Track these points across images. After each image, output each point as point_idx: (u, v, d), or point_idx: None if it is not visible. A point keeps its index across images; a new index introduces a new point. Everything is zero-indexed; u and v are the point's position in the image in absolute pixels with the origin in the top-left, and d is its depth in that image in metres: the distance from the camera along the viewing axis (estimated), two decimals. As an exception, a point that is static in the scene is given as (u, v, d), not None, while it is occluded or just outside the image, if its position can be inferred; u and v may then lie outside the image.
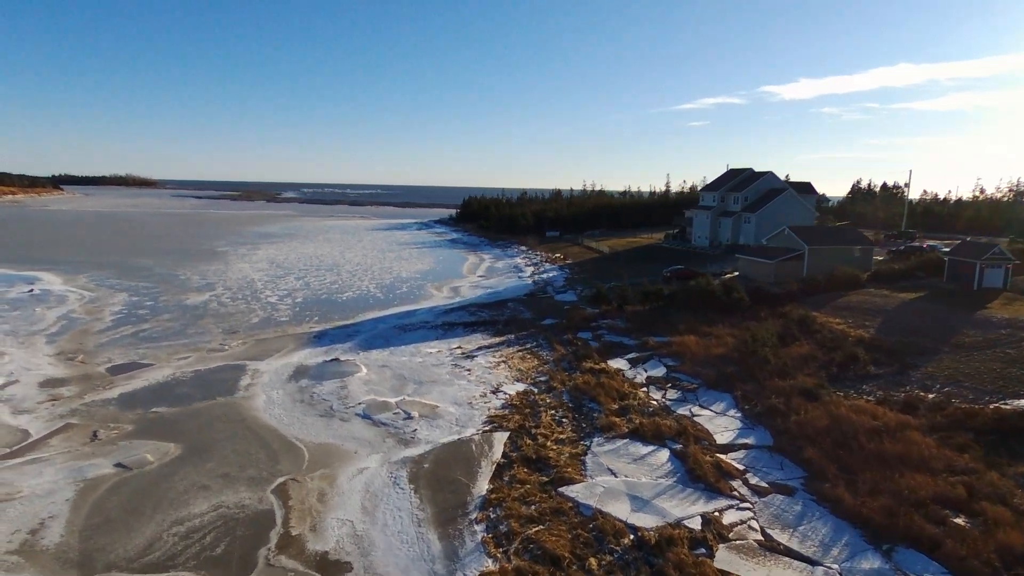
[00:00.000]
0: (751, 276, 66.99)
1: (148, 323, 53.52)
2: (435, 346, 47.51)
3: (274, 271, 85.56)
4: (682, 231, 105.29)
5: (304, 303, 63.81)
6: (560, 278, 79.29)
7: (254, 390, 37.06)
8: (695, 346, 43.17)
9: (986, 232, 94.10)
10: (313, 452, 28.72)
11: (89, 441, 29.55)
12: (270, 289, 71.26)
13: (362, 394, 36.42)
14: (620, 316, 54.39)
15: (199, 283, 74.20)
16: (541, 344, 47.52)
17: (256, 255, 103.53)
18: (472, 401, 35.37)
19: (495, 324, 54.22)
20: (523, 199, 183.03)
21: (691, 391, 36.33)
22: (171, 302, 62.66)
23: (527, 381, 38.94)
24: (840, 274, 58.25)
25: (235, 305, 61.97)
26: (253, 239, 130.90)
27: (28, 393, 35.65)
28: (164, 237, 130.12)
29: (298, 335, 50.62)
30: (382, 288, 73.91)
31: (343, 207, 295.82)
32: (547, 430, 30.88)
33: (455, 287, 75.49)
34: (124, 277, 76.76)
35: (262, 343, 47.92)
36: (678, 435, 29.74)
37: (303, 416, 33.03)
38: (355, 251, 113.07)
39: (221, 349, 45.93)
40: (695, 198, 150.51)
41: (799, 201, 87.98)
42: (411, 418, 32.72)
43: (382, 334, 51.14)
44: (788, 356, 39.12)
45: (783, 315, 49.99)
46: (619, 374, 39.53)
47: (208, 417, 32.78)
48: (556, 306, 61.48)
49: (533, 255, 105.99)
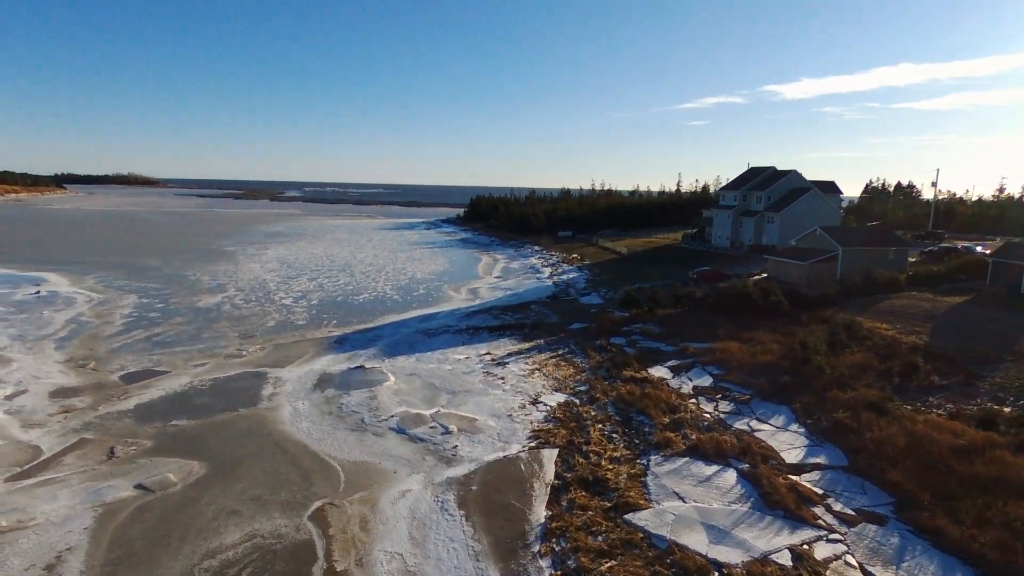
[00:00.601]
0: (781, 278, 64.67)
1: (161, 327, 51.32)
2: (462, 352, 45.27)
3: (286, 272, 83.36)
4: (701, 231, 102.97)
5: (320, 305, 61.59)
6: (581, 280, 77.01)
7: (278, 400, 34.84)
8: (739, 353, 40.87)
9: (1015, 233, 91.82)
10: (348, 472, 26.50)
11: (106, 459, 27.35)
12: (283, 291, 69.04)
13: (393, 405, 34.18)
14: (652, 320, 52.10)
15: (210, 284, 72.00)
16: (574, 350, 45.26)
17: (265, 255, 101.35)
18: (511, 413, 33.12)
19: (521, 328, 51.97)
20: (532, 198, 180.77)
21: (744, 403, 34.06)
22: (183, 304, 60.46)
23: (567, 391, 36.70)
24: (878, 276, 55.98)
25: (249, 308, 59.75)
26: (261, 238, 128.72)
27: (39, 404, 33.45)
28: (170, 236, 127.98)
29: (317, 340, 48.39)
30: (398, 290, 71.68)
31: (347, 206, 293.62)
32: (599, 447, 28.64)
33: (473, 289, 73.26)
34: (133, 278, 74.58)
35: (281, 348, 45.70)
36: (742, 453, 27.48)
37: (333, 430, 30.80)
38: (366, 251, 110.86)
39: (239, 355, 43.72)
40: (708, 197, 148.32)
41: (824, 201, 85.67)
42: (449, 432, 30.48)
43: (405, 339, 48.90)
44: (843, 365, 36.81)
45: (825, 320, 47.71)
46: (663, 384, 37.26)
47: (232, 431, 30.56)
48: (582, 309, 59.22)
49: (549, 255, 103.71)
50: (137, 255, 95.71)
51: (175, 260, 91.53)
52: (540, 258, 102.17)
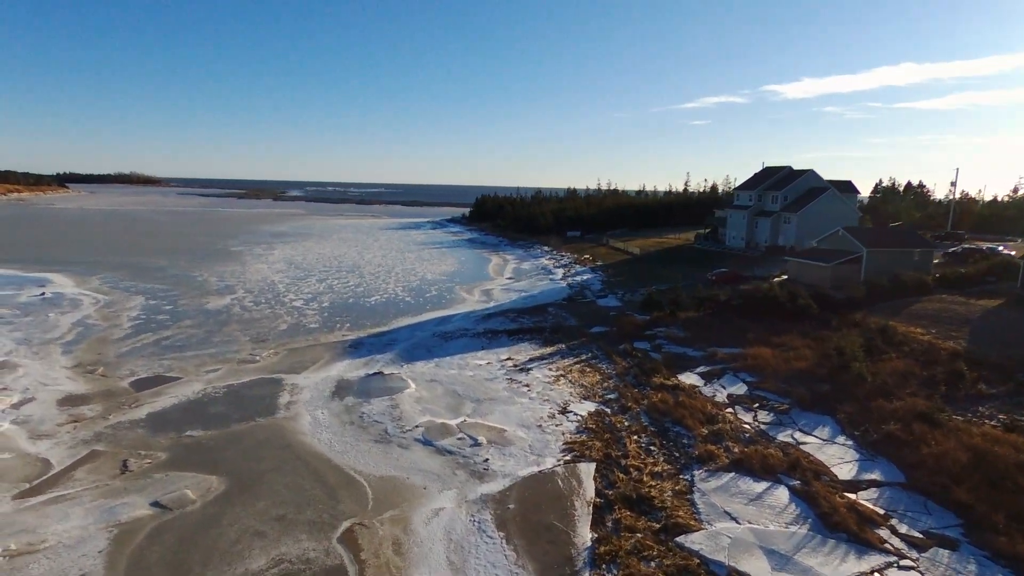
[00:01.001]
0: (803, 280, 63.10)
1: (169, 330, 49.87)
2: (482, 357, 43.80)
3: (294, 272, 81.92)
4: (714, 231, 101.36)
5: (331, 308, 60.13)
6: (596, 281, 75.48)
7: (296, 409, 33.38)
8: (772, 359, 39.36)
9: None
10: (376, 488, 25.03)
11: (119, 473, 25.90)
12: (293, 292, 67.59)
13: (417, 414, 32.72)
14: (675, 324, 50.60)
15: (218, 285, 70.57)
16: (597, 355, 43.78)
17: (272, 255, 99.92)
18: (541, 423, 31.65)
19: (541, 332, 50.49)
20: (538, 198, 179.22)
21: (783, 412, 32.56)
22: (191, 306, 59.02)
23: (596, 399, 35.21)
24: (906, 279, 54.41)
25: (259, 310, 58.30)
26: (266, 238, 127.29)
27: (47, 413, 32.01)
28: (175, 236, 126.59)
29: (332, 344, 46.94)
30: (410, 291, 70.21)
31: (350, 206, 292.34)
32: (638, 461, 27.16)
33: (486, 290, 71.78)
34: (139, 279, 73.15)
35: (295, 353, 44.25)
36: (791, 468, 25.98)
37: (356, 442, 29.34)
38: (373, 251, 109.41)
39: (252, 360, 42.27)
40: (718, 197, 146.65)
41: (842, 201, 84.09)
42: (478, 444, 29.01)
43: (422, 343, 47.42)
44: (884, 372, 35.30)
45: (856, 324, 46.19)
46: (696, 392, 35.77)
47: (250, 442, 29.11)
48: (600, 312, 57.72)
49: (559, 256, 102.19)
50: (142, 255, 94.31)
51: (181, 260, 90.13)
52: (551, 259, 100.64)
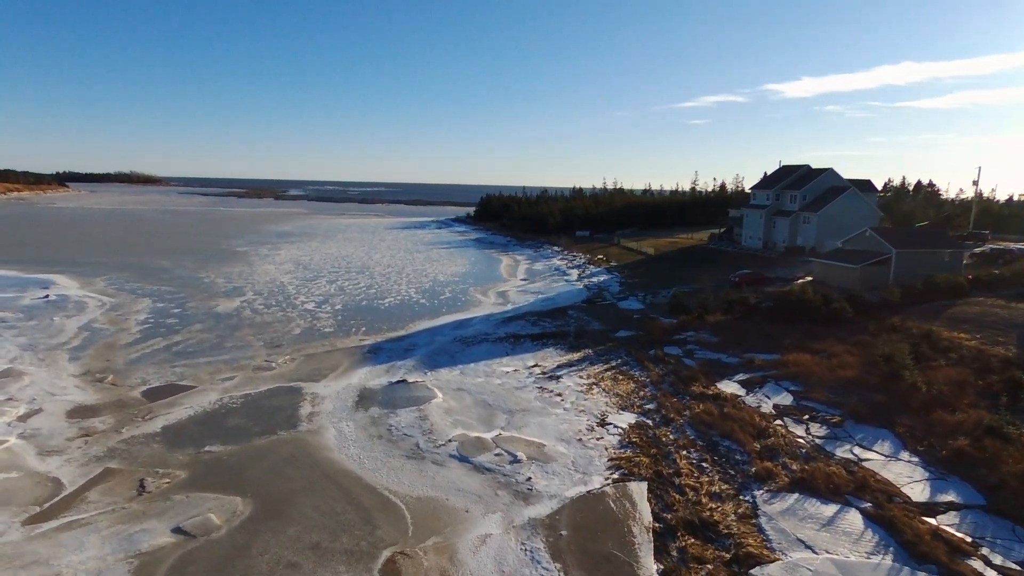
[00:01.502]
0: (829, 282, 61.29)
1: (179, 335, 48.01)
2: (508, 363, 41.96)
3: (302, 273, 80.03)
4: (728, 231, 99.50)
5: (345, 311, 58.26)
6: (613, 283, 73.63)
7: (319, 421, 31.53)
8: (816, 367, 37.53)
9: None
10: (415, 511, 23.18)
11: (136, 494, 24.04)
12: (304, 294, 65.72)
13: (448, 427, 30.87)
14: (703, 328, 48.78)
15: (226, 287, 68.69)
16: (628, 362, 41.93)
17: (278, 255, 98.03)
18: (581, 437, 29.81)
19: (565, 336, 48.64)
20: (544, 197, 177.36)
21: (836, 425, 30.72)
22: (200, 309, 57.14)
23: (634, 410, 33.37)
24: (940, 280, 52.58)
25: (270, 313, 56.42)
26: (271, 238, 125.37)
27: (56, 426, 30.15)
28: (178, 236, 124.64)
29: (349, 350, 45.08)
30: (423, 293, 68.35)
31: (353, 205, 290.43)
32: (692, 479, 25.33)
33: (502, 292, 69.91)
34: (144, 280, 71.26)
35: (312, 359, 42.39)
36: (859, 489, 24.15)
37: (387, 458, 27.50)
38: (380, 251, 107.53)
39: (268, 367, 40.41)
40: (728, 197, 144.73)
41: (863, 200, 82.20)
42: (518, 461, 27.17)
43: (443, 348, 45.58)
44: (938, 381, 33.46)
45: (895, 328, 44.39)
46: (739, 402, 33.93)
47: (274, 459, 27.25)
48: (623, 315, 55.86)
49: (571, 256, 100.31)
50: (146, 255, 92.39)
51: (186, 261, 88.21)
52: (563, 259, 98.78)
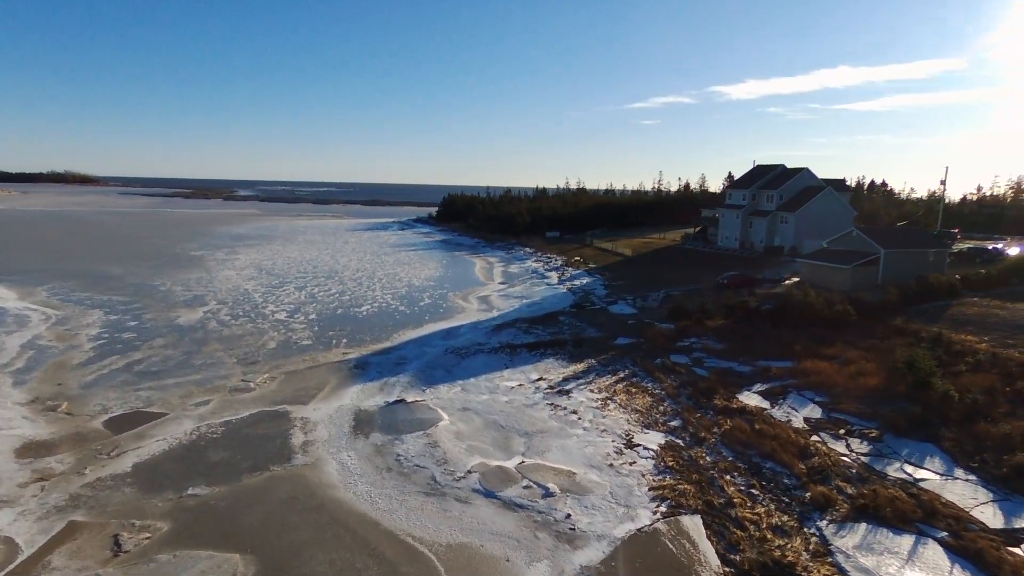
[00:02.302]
0: (818, 283, 60.43)
1: (140, 351, 43.31)
2: (510, 377, 39.03)
3: (267, 280, 75.12)
4: (703, 231, 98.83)
5: (320, 320, 54.23)
6: (598, 286, 71.42)
7: (316, 452, 27.97)
8: (835, 375, 35.88)
9: (1013, 232, 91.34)
10: (448, 562, 20.06)
11: (111, 555, 20.17)
12: (272, 303, 61.22)
13: (463, 455, 27.78)
14: (705, 333, 46.90)
15: (185, 296, 63.50)
16: (637, 373, 39.56)
17: (238, 260, 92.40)
18: (612, 462, 27.16)
19: (563, 345, 45.99)
20: (508, 197, 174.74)
21: (876, 440, 28.92)
22: (160, 322, 52.19)
23: (659, 428, 30.92)
24: (934, 281, 52.16)
25: (239, 325, 51.95)
26: (227, 241, 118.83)
27: (4, 469, 25.73)
28: (126, 239, 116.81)
29: (333, 365, 41.37)
30: (400, 299, 64.68)
31: (308, 205, 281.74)
32: (747, 510, 22.96)
33: (483, 297, 66.81)
34: (93, 289, 65.36)
35: (294, 377, 38.55)
36: (928, 516, 22.21)
37: (402, 495, 24.23)
38: (346, 255, 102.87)
39: (246, 388, 36.41)
40: (694, 196, 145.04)
41: (839, 199, 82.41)
42: (551, 495, 24.31)
43: (437, 361, 42.30)
44: (973, 389, 32.12)
45: (901, 331, 43.37)
46: (767, 416, 31.88)
47: (271, 502, 23.66)
48: (618, 321, 53.58)
49: (547, 258, 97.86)
50: (92, 261, 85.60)
51: (138, 267, 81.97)
52: (538, 261, 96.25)
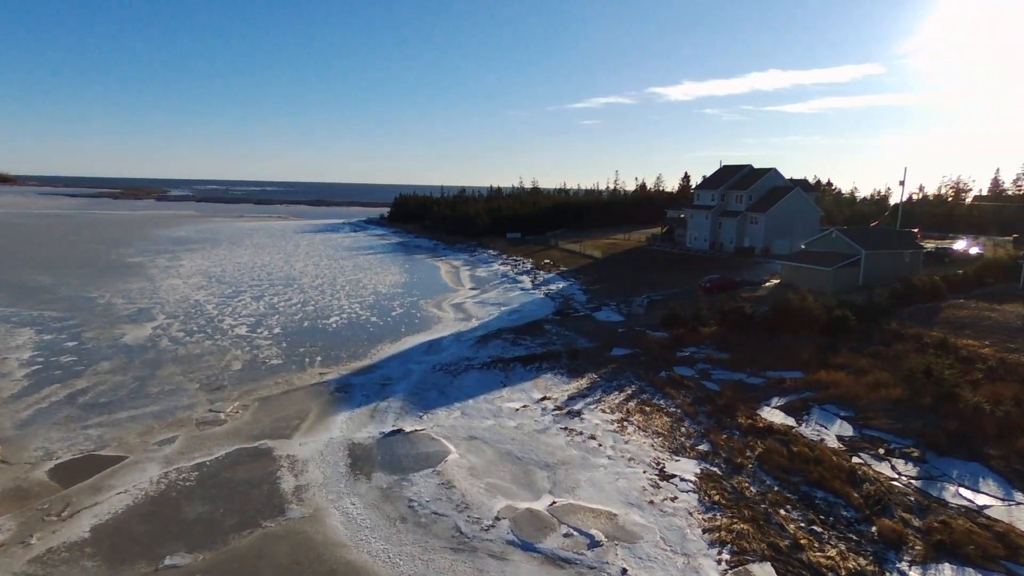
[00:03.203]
0: (799, 285, 59.76)
1: (84, 378, 37.97)
2: (510, 397, 35.86)
3: (219, 289, 69.30)
4: (669, 232, 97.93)
5: (287, 335, 49.60)
6: (575, 290, 68.89)
7: (313, 500, 24.11)
8: (853, 387, 34.24)
9: (963, 231, 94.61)
10: (501, 643, 16.82)
11: (77, 660, 16.01)
12: (229, 315, 55.97)
13: (483, 496, 24.47)
14: (703, 342, 44.98)
15: (129, 309, 57.43)
16: (644, 388, 37.04)
17: (182, 267, 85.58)
18: (652, 498, 24.40)
19: (557, 358, 43.11)
20: (464, 197, 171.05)
21: (919, 460, 27.20)
22: (103, 341, 46.50)
23: (689, 454, 28.40)
24: (920, 283, 51.91)
25: (196, 342, 46.82)
26: (167, 245, 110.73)
27: (-74, 543, 20.87)
28: (53, 244, 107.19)
29: (312, 388, 37.22)
30: (370, 309, 60.43)
31: (249, 206, 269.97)
32: (819, 553, 20.58)
33: (457, 305, 63.25)
34: (19, 303, 58.41)
35: (270, 405, 34.25)
36: (1012, 552, 20.37)
37: (426, 553, 20.76)
38: (300, 259, 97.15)
39: (215, 419, 31.96)
40: (651, 196, 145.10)
41: (807, 200, 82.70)
42: (598, 544, 21.31)
43: (426, 381, 38.68)
44: (995, 400, 30.95)
45: (901, 336, 42.48)
46: (796, 434, 29.82)
47: (270, 570, 19.77)
48: (607, 329, 51.10)
49: (514, 261, 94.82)
50: (16, 270, 77.41)
51: (70, 276, 74.48)
52: (505, 264, 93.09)
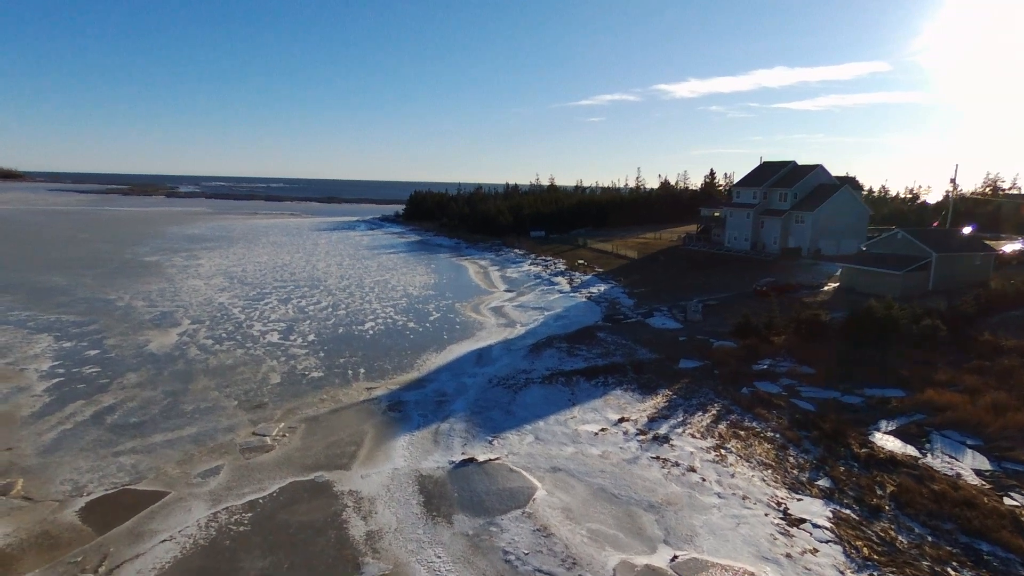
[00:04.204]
0: (861, 289, 55.98)
1: (110, 393, 34.53)
2: (582, 417, 32.20)
3: (242, 291, 65.88)
4: (704, 231, 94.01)
5: (322, 343, 46.09)
6: (617, 293, 65.16)
7: (390, 551, 20.52)
8: (974, 410, 30.49)
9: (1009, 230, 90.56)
10: None
11: None
12: (258, 320, 52.51)
13: (590, 546, 20.83)
14: (778, 353, 41.23)
15: (151, 313, 54.04)
16: (731, 408, 33.27)
17: (201, 266, 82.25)
18: (787, 550, 20.71)
19: (622, 372, 39.44)
20: (481, 195, 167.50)
21: (1083, 502, 23.47)
22: (127, 349, 43.10)
23: (809, 491, 24.66)
24: (1004, 289, 47.99)
25: (227, 351, 43.36)
26: (183, 244, 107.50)
27: (-60, 611, 17.43)
28: (66, 243, 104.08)
29: (361, 406, 33.66)
30: (404, 313, 56.87)
31: (260, 203, 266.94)
32: (1022, 633, 16.88)
33: (496, 308, 59.58)
34: (36, 306, 55.11)
35: (318, 426, 30.71)
36: None
37: (541, 627, 17.15)
38: (320, 258, 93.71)
39: (261, 444, 28.46)
40: (677, 193, 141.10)
41: (856, 198, 78.70)
42: (746, 616, 17.66)
43: (486, 398, 35.06)
44: None
45: (998, 348, 38.63)
46: (926, 467, 26.08)
47: (358, 651, 16.19)
48: (666, 338, 47.39)
49: (544, 261, 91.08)
50: (30, 270, 74.22)
51: (85, 276, 71.22)
52: (535, 264, 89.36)
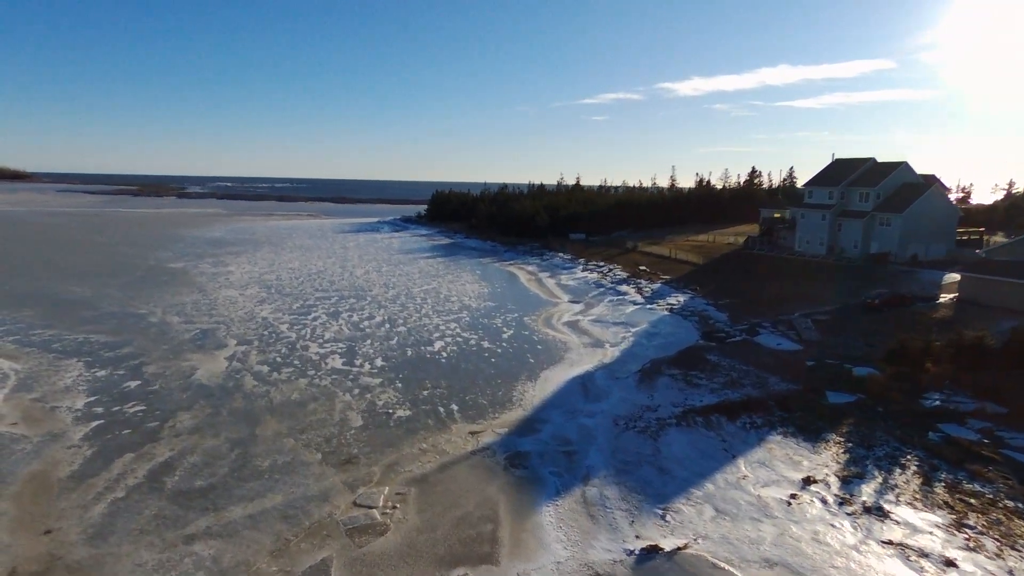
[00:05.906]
0: (986, 302, 49.45)
1: (163, 443, 28.28)
2: (754, 476, 25.80)
3: (284, 303, 59.64)
4: (767, 233, 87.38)
5: (393, 368, 39.82)
6: (702, 305, 58.64)
7: None
8: None
9: None
10: None
11: None
12: (311, 340, 46.25)
13: None
14: (946, 386, 34.75)
15: (190, 331, 47.83)
16: (935, 463, 26.82)
17: (231, 274, 76.10)
18: None
19: (765, 409, 32.98)
20: (506, 194, 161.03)
21: None
22: (172, 379, 36.88)
23: None
24: None
25: (287, 380, 37.10)
26: (206, 248, 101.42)
27: None
28: (81, 247, 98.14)
29: (474, 460, 27.34)
30: (471, 329, 50.51)
31: (273, 203, 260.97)
32: None
33: (571, 324, 53.11)
34: (59, 323, 48.96)
35: (433, 493, 24.38)
36: None
37: None
38: (355, 263, 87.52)
39: (371, 524, 22.16)
40: (717, 193, 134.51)
41: (946, 198, 72.10)
42: None
43: (621, 446, 28.63)
44: None
45: None
46: None
47: None
48: (789, 362, 40.93)
49: (597, 267, 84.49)
50: (49, 279, 68.18)
51: (109, 287, 65.14)
52: (588, 270, 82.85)
